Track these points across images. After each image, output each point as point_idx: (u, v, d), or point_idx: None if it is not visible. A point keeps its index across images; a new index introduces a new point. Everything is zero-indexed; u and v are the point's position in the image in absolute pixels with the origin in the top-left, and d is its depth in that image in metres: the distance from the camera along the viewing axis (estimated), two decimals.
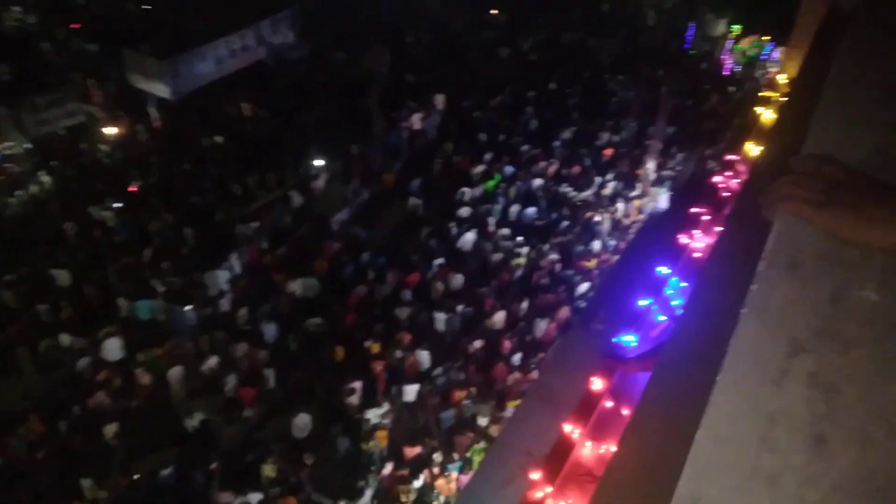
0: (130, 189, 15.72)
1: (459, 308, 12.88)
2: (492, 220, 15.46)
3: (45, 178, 16.13)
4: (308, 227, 14.82)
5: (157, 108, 17.97)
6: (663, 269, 10.61)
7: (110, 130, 17.17)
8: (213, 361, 11.45)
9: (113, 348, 11.57)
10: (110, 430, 10.53)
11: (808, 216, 1.10)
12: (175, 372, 11.35)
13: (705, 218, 10.77)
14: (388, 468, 10.27)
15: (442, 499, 10.04)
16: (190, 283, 12.88)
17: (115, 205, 14.99)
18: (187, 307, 12.33)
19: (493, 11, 24.73)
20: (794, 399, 0.95)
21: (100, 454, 10.32)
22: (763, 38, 22.27)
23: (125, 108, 18.11)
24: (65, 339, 11.70)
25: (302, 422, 10.76)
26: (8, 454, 10.27)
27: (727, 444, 0.92)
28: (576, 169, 17.06)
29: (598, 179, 16.68)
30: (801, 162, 1.21)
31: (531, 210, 15.69)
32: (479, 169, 16.84)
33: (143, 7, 22.86)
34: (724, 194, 11.28)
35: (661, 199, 15.44)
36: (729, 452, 0.91)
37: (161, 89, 17.09)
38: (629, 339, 9.61)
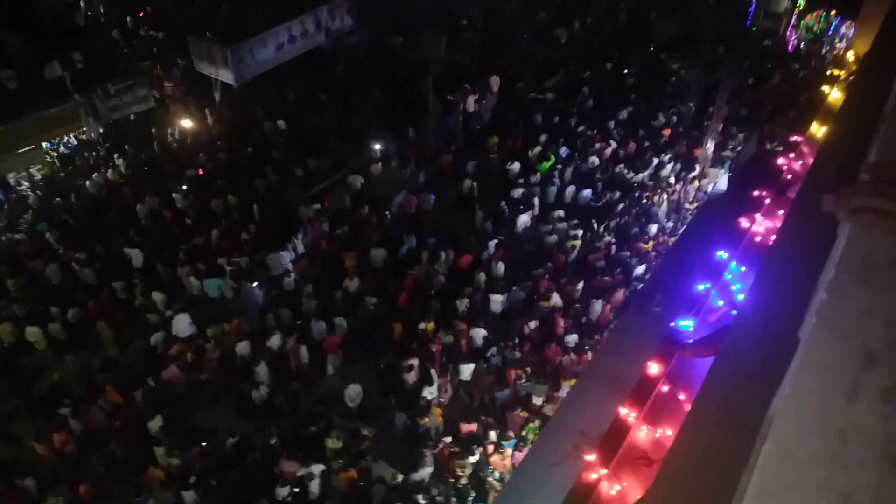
0: (198, 172, 16.35)
1: (514, 289, 13.03)
2: (547, 202, 15.51)
3: (119, 162, 16.92)
4: (367, 209, 15.16)
5: (221, 93, 18.55)
6: (723, 254, 10.53)
7: (178, 115, 17.84)
8: (277, 338, 11.94)
9: (183, 324, 12.19)
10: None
11: (890, 228, 1.03)
12: (242, 346, 11.90)
13: (767, 201, 10.60)
14: (444, 443, 10.57)
15: (497, 475, 10.28)
16: (255, 262, 13.41)
17: (184, 187, 15.64)
18: (254, 284, 12.88)
19: None
20: (867, 415, 0.90)
21: (170, 424, 10.94)
22: (830, 12, 21.42)
23: (192, 93, 18.79)
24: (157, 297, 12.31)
25: (353, 391, 11.16)
26: (88, 423, 10.98)
27: (797, 459, 0.89)
28: (632, 149, 16.91)
29: (655, 160, 16.51)
30: (878, 170, 1.12)
31: (587, 192, 15.65)
32: (535, 151, 16.85)
33: None
34: (788, 177, 11.05)
35: (721, 181, 15.16)
36: (799, 469, 0.88)
37: (225, 75, 17.61)
38: (687, 324, 9.60)
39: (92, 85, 17.42)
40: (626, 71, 20.05)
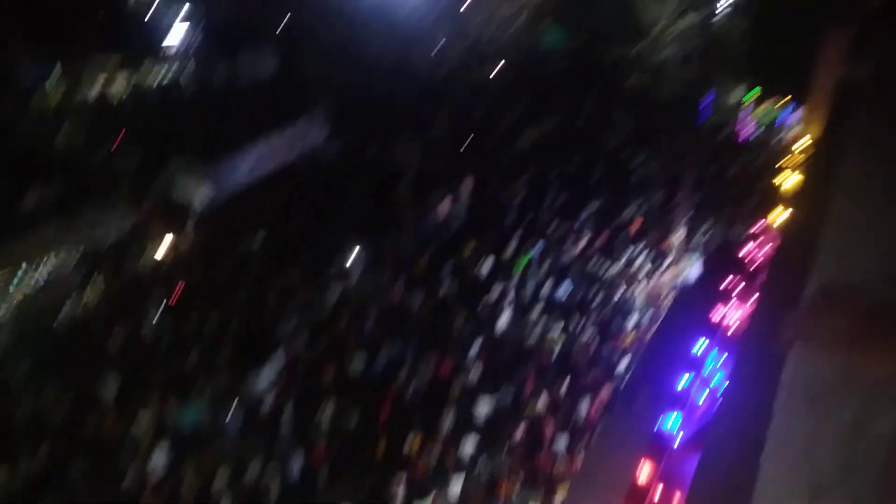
0: (175, 294, 16.29)
1: (500, 392, 12.86)
2: (525, 300, 15.58)
3: (93, 290, 16.83)
4: (345, 320, 15.09)
5: (198, 213, 18.80)
6: (701, 344, 10.58)
7: (155, 238, 17.96)
8: (256, 466, 11.54)
9: (159, 459, 11.75)
10: None
11: (834, 351, 1.10)
12: (220, 476, 11.46)
13: (738, 289, 10.79)
14: None
15: None
16: (233, 384, 13.13)
17: (159, 311, 15.52)
18: (231, 410, 12.55)
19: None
20: None
21: None
22: (782, 100, 22.59)
23: (168, 215, 19.00)
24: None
25: None
26: None
27: None
28: (604, 243, 17.25)
29: (627, 252, 16.82)
30: (828, 290, 1.22)
31: (564, 287, 15.81)
32: (509, 249, 17.10)
33: (181, 119, 24.25)
34: (755, 264, 11.31)
35: (693, 269, 15.45)
36: None
37: (202, 195, 17.92)
38: (674, 421, 9.52)
39: (67, 211, 17.57)
40: (590, 167, 20.77)
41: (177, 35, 35.20)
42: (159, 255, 17.52)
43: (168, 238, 18.13)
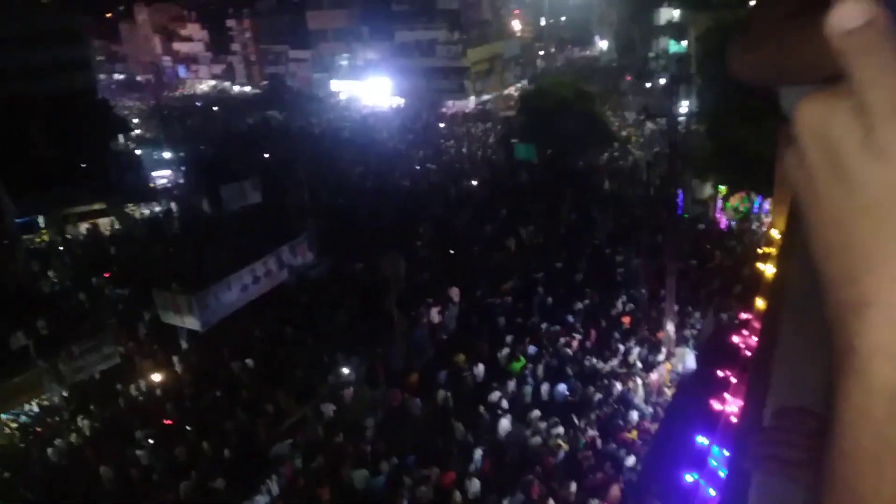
0: (166, 423, 15.92)
1: (506, 501, 12.43)
2: (524, 403, 15.38)
3: (82, 424, 16.42)
4: (342, 438, 14.75)
5: (187, 340, 18.72)
6: (703, 440, 10.45)
7: (144, 369, 17.77)
8: None
9: None
10: None
11: (792, 475, 1.06)
12: None
13: (732, 380, 10.79)
14: None
15: None
16: None
17: (150, 441, 15.11)
18: None
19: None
20: None
21: None
22: (751, 193, 23.54)
23: (158, 344, 18.90)
24: None
25: None
26: None
27: None
28: (597, 340, 17.29)
29: (622, 348, 16.85)
30: (779, 417, 1.17)
31: (562, 387, 15.66)
32: (503, 353, 17.08)
33: (170, 249, 24.74)
34: (746, 353, 11.37)
35: (689, 360, 15.47)
36: None
37: (191, 322, 17.92)
38: None
39: (56, 350, 17.45)
40: (576, 267, 21.18)
41: (161, 176, 36.70)
42: (149, 384, 17.24)
43: (158, 367, 17.92)
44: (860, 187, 0.44)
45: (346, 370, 16.98)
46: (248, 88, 68.72)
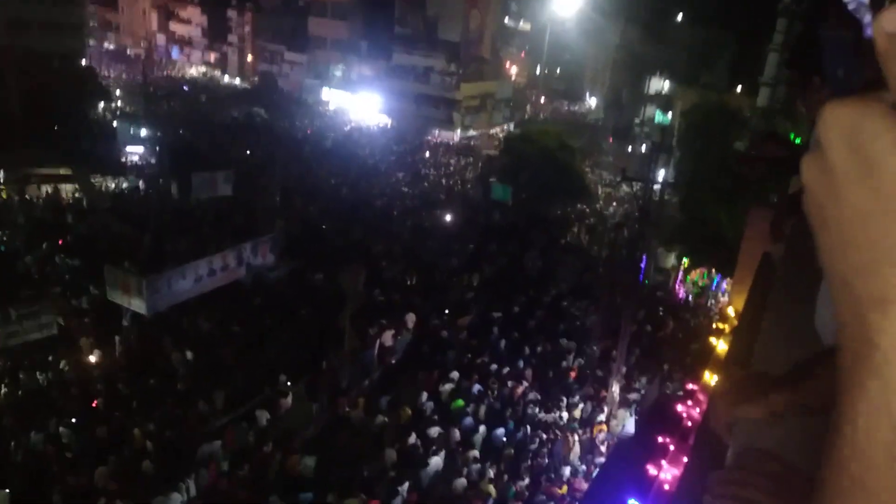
0: (93, 404, 15.37)
1: None
2: (458, 442, 15.26)
3: (4, 390, 15.75)
4: (271, 447, 14.41)
5: (130, 322, 18.19)
6: (634, 502, 10.48)
7: (81, 345, 17.18)
8: None
9: None
10: None
11: None
12: None
13: (671, 448, 10.88)
14: None
15: None
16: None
17: (73, 420, 14.55)
18: None
19: None
20: None
21: None
22: (711, 270, 24.11)
23: (100, 322, 18.32)
24: None
25: None
26: None
27: None
28: (542, 389, 17.32)
29: (565, 401, 16.90)
30: (744, 457, 1.22)
31: (500, 431, 15.60)
32: (447, 387, 16.97)
33: (129, 228, 24.17)
34: (688, 423, 11.50)
35: (628, 424, 15.57)
36: None
37: (138, 305, 17.43)
38: None
39: None
40: (533, 313, 21.31)
41: (134, 152, 36.01)
42: (83, 361, 16.65)
43: (95, 345, 17.35)
44: (889, 185, 0.45)
45: (287, 380, 16.66)
46: (237, 81, 68.24)
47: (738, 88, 45.15)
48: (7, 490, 12.39)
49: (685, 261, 25.43)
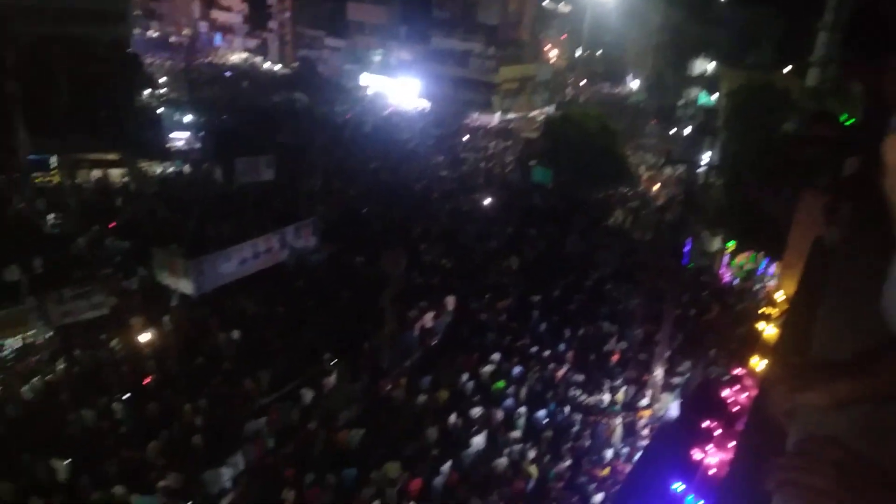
0: (143, 382, 15.84)
1: None
2: (501, 423, 15.31)
3: (61, 367, 16.34)
4: (315, 425, 14.68)
5: (178, 303, 18.66)
6: (678, 486, 10.38)
7: (132, 324, 17.69)
8: None
9: None
10: None
11: (814, 503, 1.06)
12: None
13: (717, 432, 10.75)
14: None
15: None
16: (192, 479, 12.53)
17: (126, 397, 15.03)
18: None
19: None
20: None
21: None
22: (758, 253, 23.55)
23: (149, 302, 18.84)
24: None
25: None
26: None
27: None
28: (584, 372, 17.23)
29: (607, 384, 16.80)
30: (805, 445, 1.19)
31: (541, 412, 15.60)
32: (488, 369, 17.02)
33: (176, 212, 24.74)
34: (735, 408, 11.33)
35: (672, 408, 15.41)
36: None
37: (185, 286, 17.88)
38: None
39: (47, 289, 17.39)
40: (574, 297, 21.15)
41: (179, 137, 36.77)
42: (133, 341, 17.15)
43: (145, 325, 17.85)
44: None
45: (330, 359, 16.91)
46: (278, 67, 68.81)
47: (786, 69, 43.79)
48: (67, 461, 12.94)
49: (730, 244, 24.88)
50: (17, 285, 17.16)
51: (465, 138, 46.56)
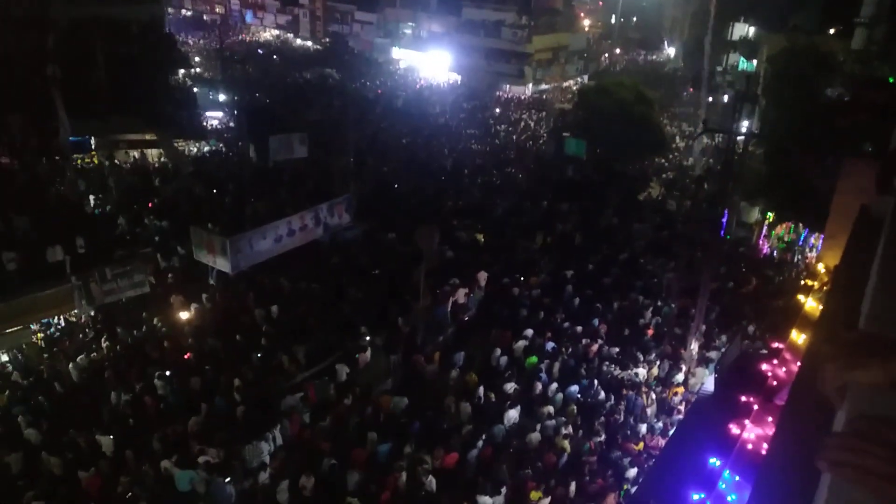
0: (185, 357, 16.24)
1: (503, 491, 12.44)
2: (534, 397, 15.35)
3: (105, 345, 16.84)
4: (351, 401, 14.90)
5: (216, 280, 19.01)
6: (715, 461, 10.26)
7: (172, 302, 18.11)
8: None
9: None
10: None
11: (873, 489, 1.03)
12: None
13: (755, 407, 10.56)
14: None
15: None
16: (232, 453, 12.87)
17: (168, 373, 15.44)
18: (226, 480, 12.25)
19: None
20: None
21: None
22: (799, 224, 22.94)
23: (187, 280, 19.23)
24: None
25: None
26: None
27: None
28: (618, 346, 17.12)
29: (641, 358, 16.66)
30: (861, 424, 1.14)
31: (574, 387, 15.58)
32: (520, 344, 17.02)
33: (211, 189, 25.08)
34: (773, 383, 11.12)
35: (708, 382, 15.21)
36: None
37: (222, 264, 18.18)
38: None
39: (90, 269, 17.84)
40: (608, 271, 20.92)
41: (213, 116, 37.13)
42: (173, 318, 17.57)
43: (185, 303, 18.26)
44: None
45: (365, 335, 17.09)
46: (309, 43, 68.77)
47: (830, 31, 42.06)
48: (111, 436, 13.40)
49: (769, 215, 24.28)
50: (60, 265, 17.64)
51: (496, 111, 46.07)
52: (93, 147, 29.80)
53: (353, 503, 11.98)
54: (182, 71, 40.81)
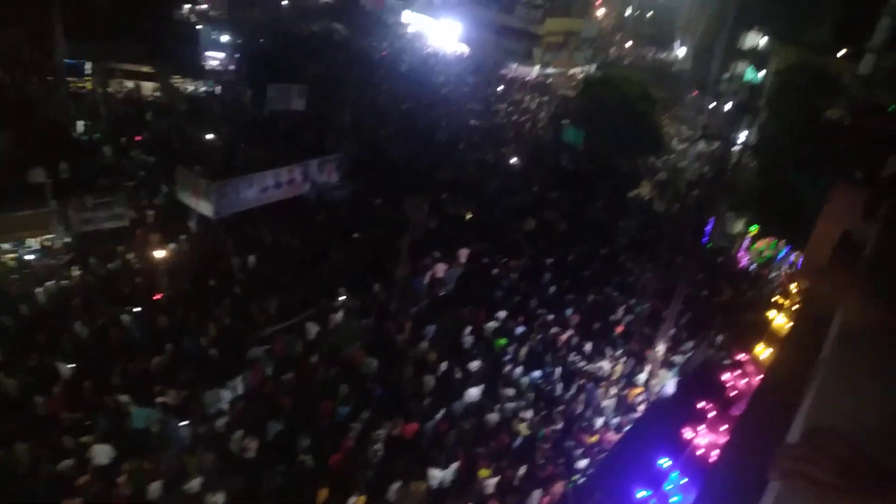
0: (155, 296, 16.16)
1: (453, 466, 12.61)
2: (497, 378, 15.49)
3: (76, 274, 16.69)
4: (316, 359, 14.94)
5: (197, 224, 18.85)
6: (665, 461, 10.46)
7: (149, 239, 17.95)
8: (196, 482, 11.19)
9: (101, 453, 11.45)
10: None
11: (820, 499, 1.07)
12: (156, 487, 11.11)
13: (712, 414, 10.77)
14: None
15: None
16: (191, 397, 12.90)
17: (136, 309, 15.36)
18: (182, 423, 12.30)
19: None
20: None
21: None
22: (780, 241, 23.18)
23: (167, 219, 19.05)
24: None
25: None
26: None
27: None
28: (586, 339, 17.30)
29: (608, 353, 16.87)
30: (815, 437, 1.18)
31: (536, 373, 15.75)
32: (492, 325, 17.13)
33: (203, 131, 24.73)
34: (732, 393, 11.32)
35: (669, 384, 15.47)
36: None
37: (205, 207, 18.04)
38: None
39: (69, 194, 17.62)
40: (588, 263, 21.05)
41: (214, 57, 36.42)
42: (149, 255, 17.43)
43: (162, 242, 18.11)
44: None
45: (340, 297, 17.08)
46: None
47: (841, 52, 42.05)
48: (72, 365, 13.35)
49: (753, 228, 24.49)
50: (41, 188, 17.39)
51: (500, 88, 45.71)
52: (87, 72, 29.17)
53: (305, 460, 12.10)
54: (188, 6, 39.99)
